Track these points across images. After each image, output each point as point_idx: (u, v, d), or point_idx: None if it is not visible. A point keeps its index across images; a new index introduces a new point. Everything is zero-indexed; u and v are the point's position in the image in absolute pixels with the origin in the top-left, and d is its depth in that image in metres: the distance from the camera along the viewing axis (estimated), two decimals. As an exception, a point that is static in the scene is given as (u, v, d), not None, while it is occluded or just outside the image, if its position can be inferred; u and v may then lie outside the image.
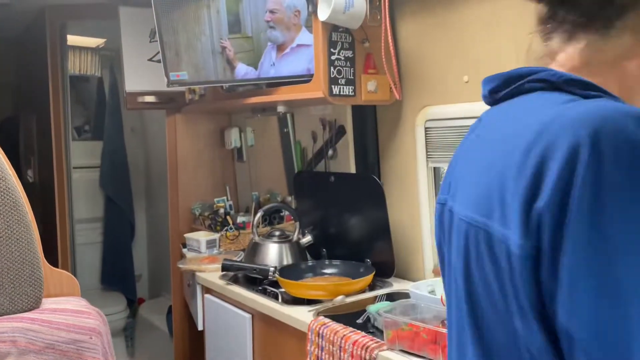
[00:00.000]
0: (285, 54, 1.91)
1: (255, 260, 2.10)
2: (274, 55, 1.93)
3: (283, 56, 1.92)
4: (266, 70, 1.97)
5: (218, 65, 2.02)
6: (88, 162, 3.79)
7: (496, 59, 1.64)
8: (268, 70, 1.97)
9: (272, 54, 1.94)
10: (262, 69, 1.98)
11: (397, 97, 1.88)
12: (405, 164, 2.00)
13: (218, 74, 2.03)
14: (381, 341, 1.37)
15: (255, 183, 2.77)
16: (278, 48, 1.92)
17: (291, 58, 1.90)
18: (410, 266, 2.03)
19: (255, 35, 1.95)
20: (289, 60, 1.91)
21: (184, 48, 2.03)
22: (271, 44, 1.93)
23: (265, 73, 1.97)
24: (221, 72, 2.02)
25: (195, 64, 2.04)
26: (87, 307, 1.27)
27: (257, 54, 1.97)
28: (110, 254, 3.76)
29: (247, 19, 1.94)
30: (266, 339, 1.80)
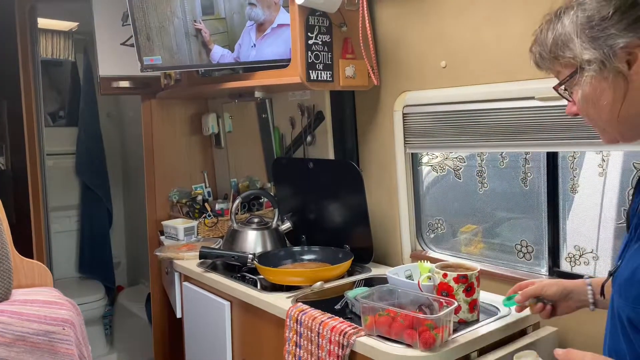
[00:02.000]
0: (266, 34, 1.87)
1: (233, 248, 2.08)
2: (254, 36, 1.89)
3: (264, 37, 1.87)
4: (246, 52, 1.92)
5: (192, 48, 1.97)
6: (63, 148, 3.70)
7: (474, 44, 1.64)
8: (248, 52, 1.92)
9: (252, 34, 1.89)
10: (242, 50, 1.93)
11: (375, 82, 1.87)
12: (384, 149, 2.00)
13: (193, 57, 1.99)
14: (359, 327, 1.37)
15: (234, 169, 2.74)
16: (258, 28, 1.88)
17: (272, 39, 1.86)
18: (389, 251, 2.04)
19: (229, 17, 1.90)
20: (270, 42, 1.86)
21: (157, 31, 1.97)
22: (250, 24, 1.88)
23: (246, 55, 1.92)
24: (196, 56, 1.98)
25: (168, 47, 1.99)
26: (60, 298, 1.25)
27: (231, 36, 1.93)
28: (87, 242, 3.70)
29: (220, 0, 1.89)
30: (245, 326, 1.80)
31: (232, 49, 1.94)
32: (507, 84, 1.56)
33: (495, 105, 1.60)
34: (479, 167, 1.83)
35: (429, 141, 1.83)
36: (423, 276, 1.50)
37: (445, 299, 1.35)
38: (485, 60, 1.61)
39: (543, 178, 1.63)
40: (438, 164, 1.96)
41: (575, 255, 1.60)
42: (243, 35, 1.92)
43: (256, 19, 1.87)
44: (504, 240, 1.81)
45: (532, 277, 1.65)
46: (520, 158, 1.70)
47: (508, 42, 1.55)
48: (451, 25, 1.69)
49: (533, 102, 1.51)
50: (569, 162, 1.59)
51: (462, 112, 1.70)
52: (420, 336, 1.25)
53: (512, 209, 1.78)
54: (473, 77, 1.65)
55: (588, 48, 0.85)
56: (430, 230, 2.01)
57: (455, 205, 1.96)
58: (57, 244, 3.54)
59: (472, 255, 1.89)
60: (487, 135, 1.65)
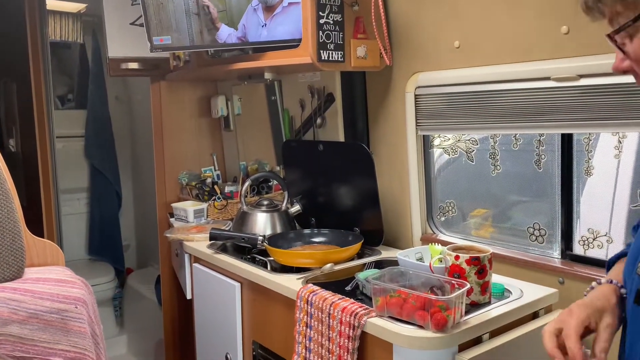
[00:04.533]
0: (276, 14, 1.84)
1: (243, 230, 2.08)
2: (262, 16, 1.86)
3: (274, 16, 1.84)
4: (255, 33, 1.89)
5: (194, 27, 1.93)
6: (72, 131, 3.71)
7: (488, 24, 1.61)
8: (258, 32, 1.88)
9: (260, 14, 1.86)
10: (249, 31, 1.90)
11: (388, 62, 1.84)
12: (395, 132, 1.98)
13: (194, 37, 1.95)
14: (370, 308, 1.37)
15: (243, 152, 2.74)
16: (266, 9, 1.85)
17: (282, 18, 1.82)
18: (399, 234, 2.03)
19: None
20: (281, 20, 1.82)
21: (155, 9, 1.93)
22: (256, 3, 1.85)
23: (255, 35, 1.89)
24: (197, 35, 1.94)
25: (167, 26, 1.94)
26: (72, 277, 1.25)
27: (230, 14, 1.88)
28: (97, 224, 3.72)
29: None
30: (255, 307, 1.80)
31: (236, 27, 1.91)
32: (522, 64, 1.53)
33: (510, 86, 1.57)
34: (491, 150, 1.81)
35: (441, 123, 1.81)
36: (434, 258, 1.49)
37: (457, 280, 1.34)
38: (499, 40, 1.58)
39: (557, 160, 1.60)
40: (450, 146, 1.94)
41: (589, 238, 1.58)
42: (247, 14, 1.88)
43: (269, 2, 1.83)
44: (516, 223, 1.79)
45: (544, 260, 1.63)
46: (534, 140, 1.68)
47: (523, 21, 1.52)
48: (465, 5, 1.66)
49: (549, 82, 1.48)
50: (584, 144, 1.57)
51: (475, 93, 1.67)
52: (432, 317, 1.25)
53: (525, 191, 1.76)
54: (487, 58, 1.62)
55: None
56: (441, 214, 2.00)
57: (467, 188, 1.94)
58: (67, 226, 3.56)
59: (483, 239, 1.88)
60: (500, 116, 1.62)
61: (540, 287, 1.53)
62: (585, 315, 0.88)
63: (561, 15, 1.43)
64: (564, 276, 1.55)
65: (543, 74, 1.49)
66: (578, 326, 0.86)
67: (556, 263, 1.61)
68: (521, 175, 1.75)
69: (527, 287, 1.52)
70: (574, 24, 1.40)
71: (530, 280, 1.60)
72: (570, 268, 1.55)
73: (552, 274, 1.58)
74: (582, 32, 1.39)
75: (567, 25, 1.41)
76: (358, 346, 1.36)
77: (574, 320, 0.87)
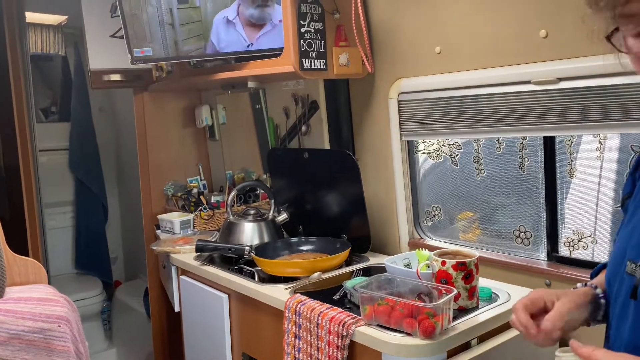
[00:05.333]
0: (265, 32, 1.82)
1: (230, 240, 2.07)
2: (244, 34, 1.84)
3: (265, 34, 1.82)
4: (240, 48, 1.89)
5: (168, 37, 1.92)
6: (56, 144, 3.67)
7: (468, 29, 1.62)
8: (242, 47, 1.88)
9: (241, 31, 1.84)
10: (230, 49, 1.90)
11: (370, 70, 1.84)
12: (380, 138, 1.98)
13: (168, 47, 1.94)
14: (358, 317, 1.36)
15: (229, 161, 2.72)
16: (251, 25, 1.84)
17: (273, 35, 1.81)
18: (387, 240, 2.03)
19: (203, 5, 1.85)
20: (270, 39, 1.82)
21: (129, 20, 1.92)
22: (233, 16, 1.83)
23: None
24: (172, 46, 1.94)
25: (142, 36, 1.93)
26: (55, 295, 1.23)
27: (205, 25, 1.88)
28: (83, 238, 3.68)
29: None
30: (243, 318, 1.79)
31: (206, 38, 1.90)
32: (502, 68, 1.54)
33: (491, 90, 1.58)
34: (475, 154, 1.81)
35: (425, 128, 1.81)
36: (421, 264, 1.49)
37: (444, 286, 1.34)
38: (480, 45, 1.59)
39: (540, 163, 1.61)
40: (434, 151, 1.95)
41: (574, 239, 1.59)
42: (218, 28, 1.86)
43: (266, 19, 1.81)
44: (502, 226, 1.80)
45: (530, 262, 1.64)
46: (517, 143, 1.69)
47: (502, 26, 1.53)
48: (445, 10, 1.67)
49: (529, 86, 1.49)
50: (566, 146, 1.58)
51: (457, 98, 1.68)
52: (419, 324, 1.25)
53: (510, 194, 1.77)
54: (468, 63, 1.63)
55: None
56: (428, 218, 2.00)
57: (453, 192, 1.94)
58: (53, 241, 3.52)
59: (470, 243, 1.89)
60: (483, 120, 1.63)
61: (527, 290, 1.53)
62: (538, 295, 0.97)
63: (539, 20, 1.44)
64: (550, 278, 1.56)
65: (523, 78, 1.50)
66: (526, 301, 0.97)
67: (542, 265, 1.62)
68: (505, 178, 1.76)
69: (515, 290, 1.53)
70: (552, 28, 1.42)
71: (517, 283, 1.60)
72: (557, 270, 1.56)
73: (539, 276, 1.59)
74: (560, 36, 1.40)
75: (545, 30, 1.43)
76: (347, 355, 1.36)
77: (524, 298, 0.99)
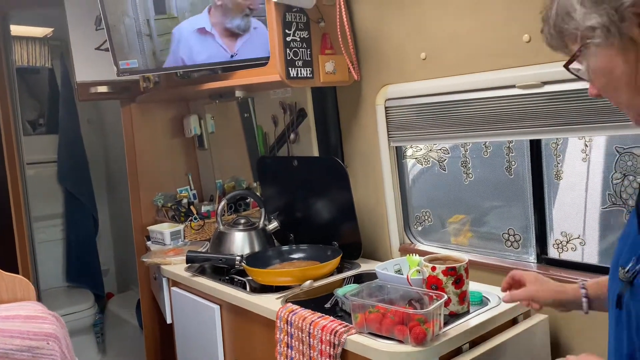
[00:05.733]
0: (245, 41, 1.83)
1: (221, 250, 2.06)
2: (224, 45, 1.84)
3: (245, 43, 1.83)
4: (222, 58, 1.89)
5: (146, 49, 1.92)
6: (45, 156, 3.65)
7: (452, 34, 1.63)
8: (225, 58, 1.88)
9: (219, 41, 1.84)
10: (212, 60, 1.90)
11: (356, 77, 1.85)
12: (368, 144, 1.98)
13: (147, 58, 1.94)
14: (350, 325, 1.36)
15: (219, 170, 2.72)
16: (229, 35, 1.84)
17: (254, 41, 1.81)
18: (378, 246, 2.03)
19: (181, 16, 1.86)
20: (250, 47, 1.82)
21: (119, 33, 1.92)
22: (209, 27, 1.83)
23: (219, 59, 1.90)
24: (150, 57, 1.93)
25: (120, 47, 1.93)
26: (43, 312, 1.22)
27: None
28: (74, 250, 3.65)
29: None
30: (236, 329, 1.78)
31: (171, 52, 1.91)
32: (487, 73, 1.55)
33: (477, 95, 1.59)
34: (463, 158, 1.82)
35: (412, 134, 1.82)
36: (412, 270, 1.49)
37: (434, 292, 1.34)
38: (464, 50, 1.60)
39: (527, 166, 1.62)
40: (422, 156, 1.96)
41: (563, 241, 1.60)
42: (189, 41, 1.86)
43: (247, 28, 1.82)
44: (492, 229, 1.81)
45: (520, 266, 1.65)
46: (504, 147, 1.70)
47: (486, 31, 1.54)
48: (429, 17, 1.68)
49: (514, 90, 1.50)
50: (552, 149, 1.59)
51: (443, 103, 1.69)
52: (411, 331, 1.25)
53: (498, 198, 1.78)
54: (453, 68, 1.64)
55: (591, 14, 0.76)
56: (418, 223, 2.01)
57: (442, 196, 1.95)
58: (43, 254, 3.49)
59: (460, 246, 1.89)
60: (469, 125, 1.64)
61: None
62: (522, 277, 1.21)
63: (522, 24, 1.45)
64: (540, 280, 1.56)
65: (508, 82, 1.51)
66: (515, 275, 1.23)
67: (532, 268, 1.62)
68: (493, 182, 1.76)
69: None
70: (535, 33, 1.42)
71: (508, 286, 1.60)
72: (546, 272, 1.57)
73: (529, 279, 1.59)
74: (543, 40, 1.41)
75: (528, 34, 1.44)
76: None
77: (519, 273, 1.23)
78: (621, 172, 1.45)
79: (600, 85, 0.82)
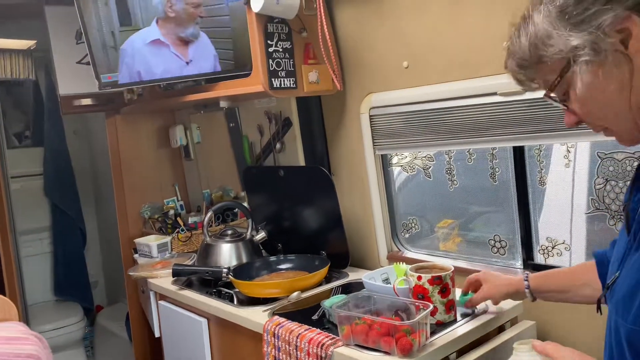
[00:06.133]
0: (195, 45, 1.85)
1: (208, 262, 2.04)
2: (179, 53, 1.85)
3: (196, 50, 1.85)
4: (179, 73, 1.91)
5: (111, 60, 1.92)
6: (30, 169, 3.61)
7: (433, 43, 1.63)
8: (181, 70, 1.89)
9: (174, 51, 1.85)
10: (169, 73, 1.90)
11: (339, 87, 1.85)
12: (354, 152, 1.98)
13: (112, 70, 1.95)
14: (336, 337, 1.35)
15: (206, 180, 2.70)
16: (182, 43, 1.85)
17: (201, 49, 1.84)
18: (366, 255, 2.03)
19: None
20: (200, 54, 1.85)
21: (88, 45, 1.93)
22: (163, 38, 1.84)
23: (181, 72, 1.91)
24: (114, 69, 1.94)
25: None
26: (25, 332, 1.20)
27: None
28: (61, 264, 3.61)
29: (137, 9, 1.83)
30: (224, 342, 1.76)
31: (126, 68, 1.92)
32: (468, 80, 1.56)
33: (459, 102, 1.60)
34: (447, 165, 1.83)
35: (397, 142, 1.82)
36: (398, 280, 1.49)
37: (421, 302, 1.34)
38: (445, 58, 1.61)
39: (511, 172, 1.63)
40: (408, 164, 1.96)
41: (548, 247, 1.61)
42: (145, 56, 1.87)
43: (196, 35, 1.84)
44: (478, 236, 1.81)
45: (507, 271, 1.65)
46: (487, 154, 1.70)
47: (467, 38, 1.54)
48: (410, 25, 1.68)
49: (496, 97, 1.50)
50: (536, 155, 1.60)
51: (426, 111, 1.69)
52: (397, 342, 1.24)
53: (483, 204, 1.78)
54: (435, 76, 1.64)
55: (572, 34, 0.74)
56: (405, 230, 2.00)
57: (427, 203, 1.95)
58: (31, 268, 3.45)
59: (448, 253, 1.89)
60: (452, 132, 1.64)
61: (504, 300, 1.53)
62: (475, 277, 1.39)
63: (502, 32, 1.45)
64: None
65: (490, 90, 1.51)
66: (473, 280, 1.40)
67: (519, 274, 1.62)
68: (478, 188, 1.77)
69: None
70: (515, 40, 1.43)
71: (495, 292, 1.60)
72: (533, 278, 1.57)
73: (516, 285, 1.59)
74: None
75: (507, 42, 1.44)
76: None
77: (476, 276, 1.40)
78: (603, 177, 1.46)
79: (587, 108, 0.79)
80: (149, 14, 1.82)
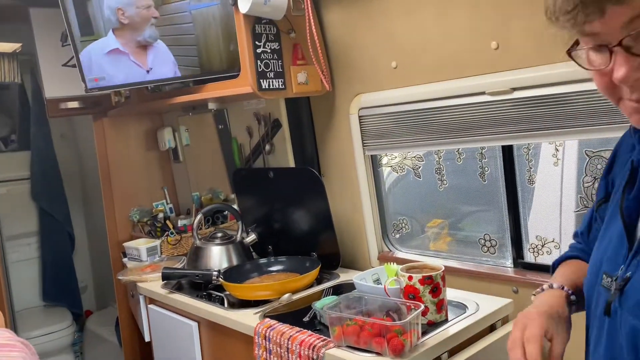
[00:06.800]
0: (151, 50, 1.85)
1: (198, 265, 2.03)
2: (138, 61, 1.84)
3: (155, 56, 1.85)
4: (141, 79, 1.90)
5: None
6: (17, 174, 3.57)
7: (422, 43, 1.63)
8: (143, 77, 1.89)
9: (133, 59, 1.84)
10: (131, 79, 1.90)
11: (327, 88, 1.84)
12: (343, 153, 1.98)
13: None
14: (328, 339, 1.35)
15: (195, 183, 2.69)
16: (141, 48, 1.84)
17: (160, 55, 1.84)
18: (357, 255, 2.02)
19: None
20: (159, 59, 1.85)
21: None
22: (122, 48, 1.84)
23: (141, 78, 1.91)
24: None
25: None
26: (10, 339, 1.17)
27: None
28: (50, 269, 3.57)
29: (99, 18, 1.82)
30: (215, 345, 1.75)
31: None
32: (457, 80, 1.56)
33: (447, 102, 1.60)
34: (437, 165, 1.83)
35: (387, 142, 1.82)
36: (389, 280, 1.48)
37: (412, 302, 1.33)
38: (434, 58, 1.61)
39: (500, 171, 1.63)
40: (397, 164, 1.96)
41: (538, 245, 1.61)
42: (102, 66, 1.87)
43: (153, 39, 1.84)
44: (468, 236, 1.81)
45: (497, 270, 1.65)
46: (477, 153, 1.71)
47: (455, 38, 1.54)
48: (399, 26, 1.68)
49: (484, 97, 1.51)
50: (524, 153, 1.60)
51: (416, 111, 1.69)
52: (389, 343, 1.24)
53: (473, 204, 1.78)
54: (424, 76, 1.65)
55: None
56: (396, 231, 2.00)
57: (417, 203, 1.95)
58: (18, 273, 3.41)
59: (438, 252, 1.89)
60: (441, 132, 1.64)
61: (495, 299, 1.54)
62: (547, 325, 0.89)
63: (490, 32, 1.46)
64: (517, 285, 1.57)
65: (478, 89, 1.52)
66: (541, 335, 0.87)
67: (509, 272, 1.63)
68: (467, 188, 1.77)
69: (483, 299, 1.53)
70: (502, 40, 1.44)
71: (485, 291, 1.61)
72: (523, 276, 1.58)
73: (507, 284, 1.60)
74: (510, 47, 1.43)
75: (496, 41, 1.45)
76: (319, 379, 1.34)
77: (537, 329, 0.88)
78: (591, 175, 1.46)
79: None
80: (112, 21, 1.82)
